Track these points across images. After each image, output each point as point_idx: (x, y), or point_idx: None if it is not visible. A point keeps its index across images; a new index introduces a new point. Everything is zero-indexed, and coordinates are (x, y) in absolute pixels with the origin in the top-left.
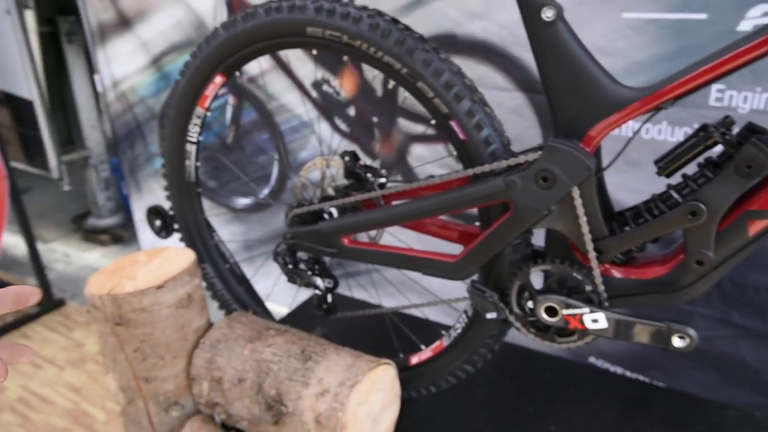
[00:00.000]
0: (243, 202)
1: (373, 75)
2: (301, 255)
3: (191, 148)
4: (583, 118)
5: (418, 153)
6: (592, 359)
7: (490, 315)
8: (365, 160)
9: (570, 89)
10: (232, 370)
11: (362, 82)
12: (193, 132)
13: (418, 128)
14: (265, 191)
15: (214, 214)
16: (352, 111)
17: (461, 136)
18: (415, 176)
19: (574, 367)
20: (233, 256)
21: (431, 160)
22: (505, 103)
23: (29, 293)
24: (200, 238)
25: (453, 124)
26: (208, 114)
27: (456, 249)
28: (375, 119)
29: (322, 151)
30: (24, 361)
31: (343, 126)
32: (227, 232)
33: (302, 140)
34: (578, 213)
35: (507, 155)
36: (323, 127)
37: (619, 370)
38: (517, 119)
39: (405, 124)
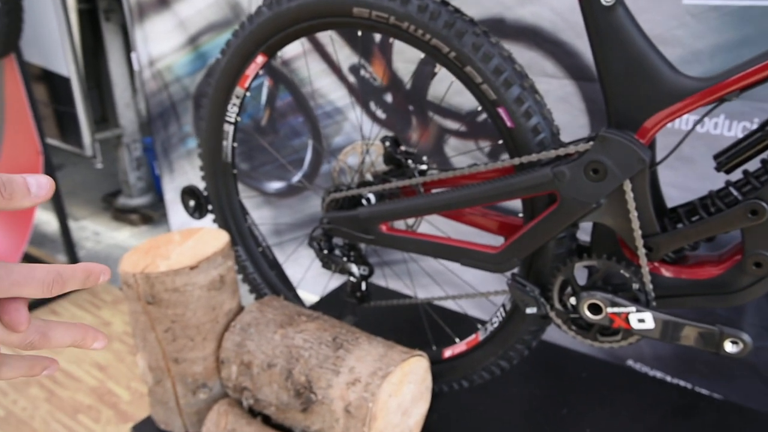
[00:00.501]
0: (274, 186)
1: (404, 64)
2: (337, 241)
3: (229, 128)
4: (639, 108)
5: (454, 143)
6: (630, 362)
7: (530, 310)
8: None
9: (627, 77)
10: (262, 354)
11: (391, 72)
12: (232, 112)
13: (449, 123)
14: (299, 175)
15: (245, 197)
16: (389, 97)
17: (509, 123)
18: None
19: (612, 369)
20: (266, 239)
21: (465, 151)
22: (554, 90)
23: (100, 271)
24: (234, 220)
25: (500, 110)
26: (248, 94)
27: (496, 240)
28: (411, 108)
29: (362, 135)
30: (97, 347)
31: (379, 112)
32: (257, 216)
33: (336, 126)
34: (629, 208)
35: (556, 145)
36: (360, 114)
37: (659, 374)
38: (565, 107)
39: (439, 119)
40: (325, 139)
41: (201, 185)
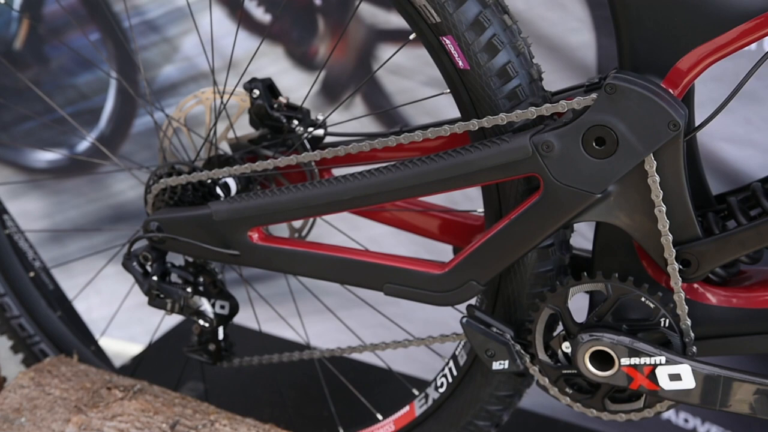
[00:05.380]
0: (45, 157)
1: None
2: (174, 258)
3: None
4: (669, 41)
5: (396, 65)
6: (670, 415)
7: (498, 365)
8: (293, 89)
9: None
10: None
11: None
12: None
13: (394, 20)
14: (92, 136)
15: None
16: None
17: (460, 62)
18: (393, 116)
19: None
20: (39, 256)
21: (435, 93)
22: None
23: None
24: None
25: (447, 41)
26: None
27: (441, 253)
28: (318, 0)
29: (212, 71)
30: None
31: (258, 12)
32: (17, 210)
33: (166, 45)
34: (653, 198)
35: (537, 98)
36: (218, 18)
37: (714, 430)
38: (556, 17)
39: (370, 12)
40: (146, 71)
41: None
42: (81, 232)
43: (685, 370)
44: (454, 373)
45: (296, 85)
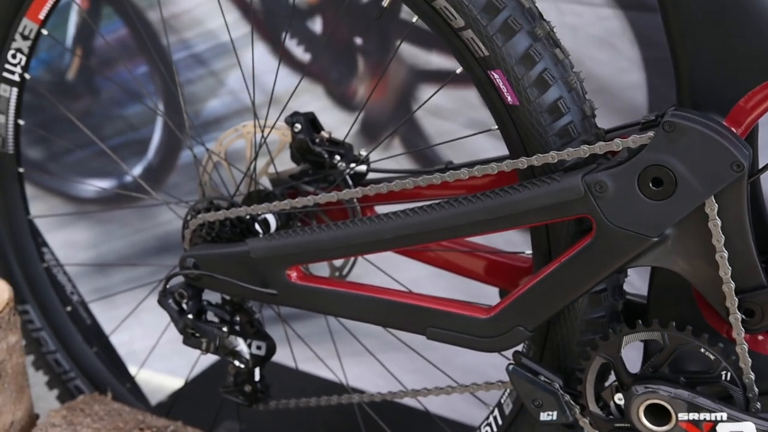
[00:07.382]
0: (94, 187)
1: None
2: (210, 297)
3: (8, 92)
4: (731, 76)
5: (437, 107)
6: None
7: (546, 415)
8: (333, 128)
9: (711, 24)
10: None
11: None
12: (14, 62)
13: (435, 60)
14: (137, 169)
15: (40, 214)
16: (317, 24)
17: (509, 98)
18: (431, 156)
19: None
20: (77, 290)
21: (475, 132)
22: (585, 27)
23: None
24: (19, 258)
25: (495, 76)
26: (44, 31)
27: (489, 295)
28: (359, 40)
29: (253, 104)
30: None
31: (299, 51)
32: (60, 240)
33: (211, 80)
34: (714, 243)
35: (590, 135)
36: (259, 57)
37: None
38: (605, 56)
39: (411, 52)
40: (190, 105)
41: None
42: (131, 267)
43: (748, 428)
44: (499, 422)
45: (336, 124)
